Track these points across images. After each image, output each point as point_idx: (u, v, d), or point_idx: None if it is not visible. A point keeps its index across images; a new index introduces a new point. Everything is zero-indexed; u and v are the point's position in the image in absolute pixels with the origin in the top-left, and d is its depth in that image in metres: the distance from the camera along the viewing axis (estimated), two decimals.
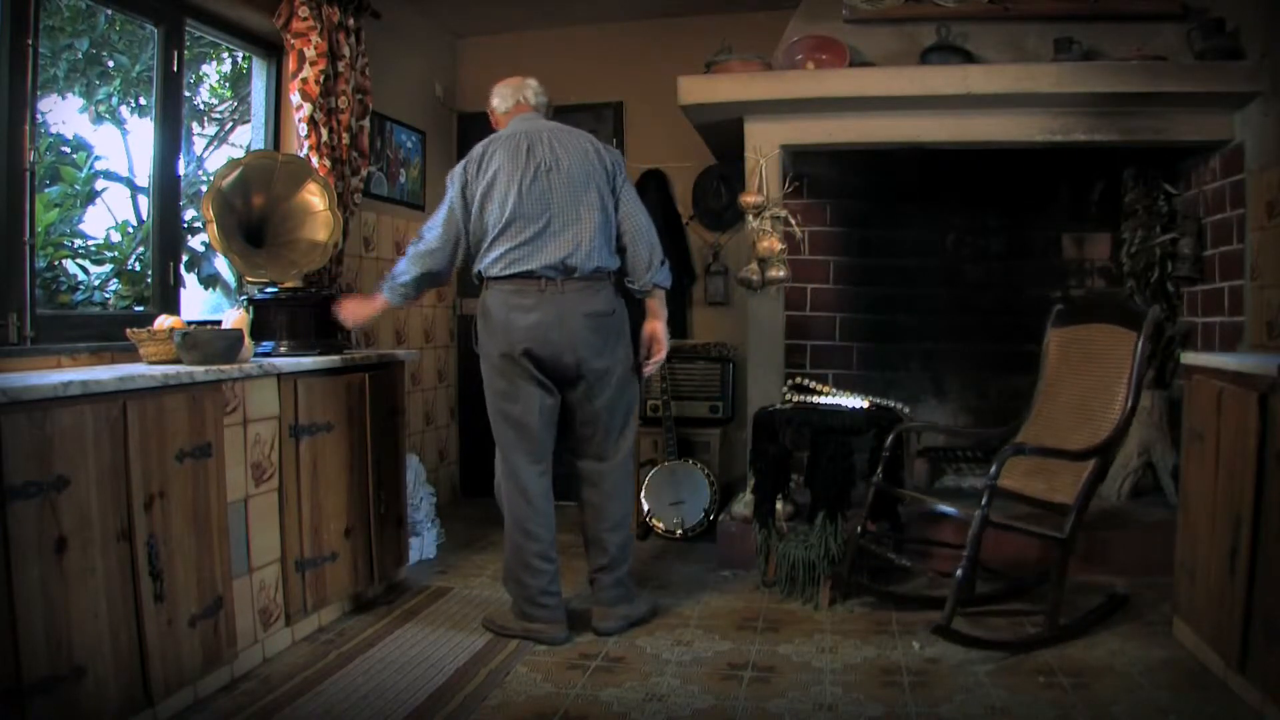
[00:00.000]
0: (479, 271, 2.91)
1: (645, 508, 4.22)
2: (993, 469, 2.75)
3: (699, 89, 3.72)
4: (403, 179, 4.54)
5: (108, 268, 3.90)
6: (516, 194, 2.80)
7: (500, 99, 3.07)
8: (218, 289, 4.49)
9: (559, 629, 2.89)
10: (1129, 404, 2.89)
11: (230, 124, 5.16)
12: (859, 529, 3.16)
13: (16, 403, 1.87)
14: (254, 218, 3.09)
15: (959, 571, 2.71)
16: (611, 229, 2.90)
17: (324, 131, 3.46)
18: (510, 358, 2.83)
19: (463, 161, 2.93)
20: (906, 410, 3.67)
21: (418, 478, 3.85)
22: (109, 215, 4.10)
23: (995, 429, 3.54)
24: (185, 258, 3.68)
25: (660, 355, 3.03)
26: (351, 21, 3.61)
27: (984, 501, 2.73)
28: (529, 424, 2.88)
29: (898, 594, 3.25)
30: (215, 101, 5.23)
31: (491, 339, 2.87)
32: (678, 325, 4.74)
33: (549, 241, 2.80)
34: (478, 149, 2.92)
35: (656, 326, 3.01)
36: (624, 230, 2.93)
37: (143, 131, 4.37)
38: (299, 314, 3.10)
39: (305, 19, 3.39)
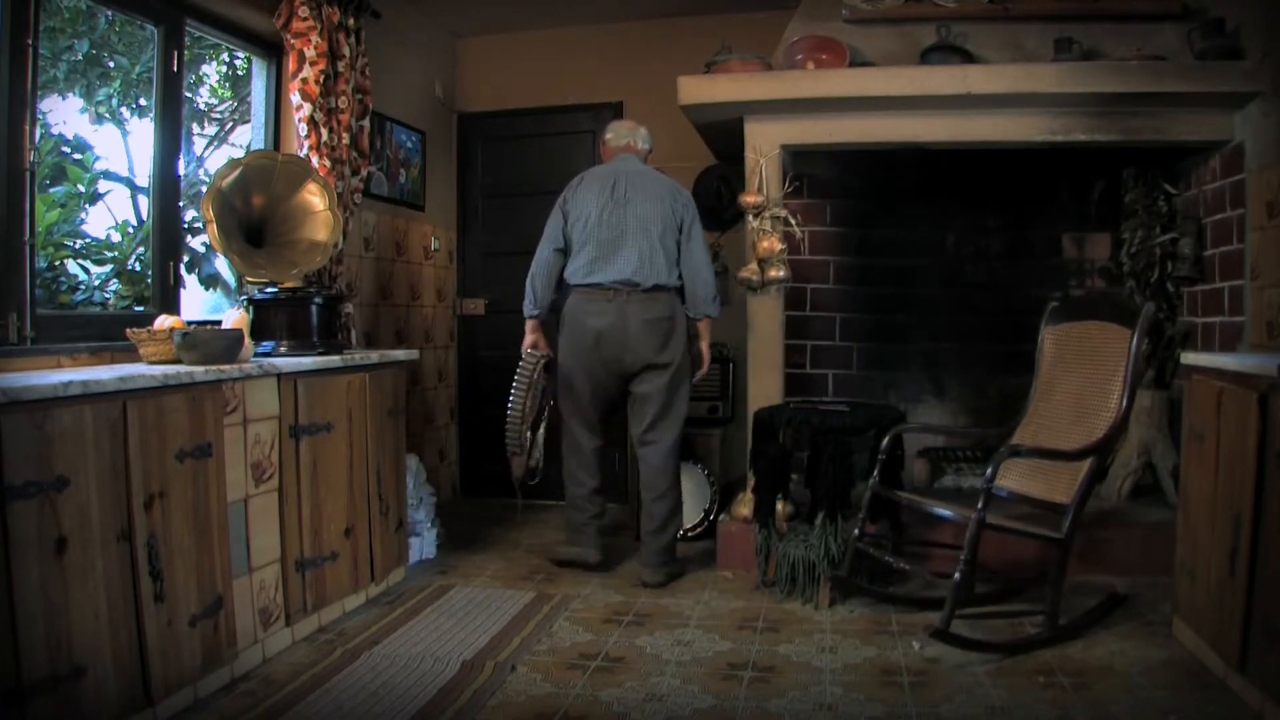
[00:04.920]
0: (564, 278, 3.53)
1: None
2: (989, 471, 2.75)
3: (699, 89, 3.72)
4: (403, 179, 4.54)
5: (108, 268, 3.90)
6: (595, 219, 3.44)
7: (614, 135, 3.68)
8: (218, 289, 4.49)
9: (595, 553, 3.62)
10: (1124, 402, 2.89)
11: (230, 124, 5.16)
12: (857, 532, 3.16)
13: (16, 403, 1.87)
14: (254, 218, 3.09)
15: (956, 575, 2.71)
16: (673, 258, 3.49)
17: (324, 131, 3.46)
18: (580, 349, 3.47)
19: (566, 188, 3.55)
20: (901, 408, 3.67)
21: (418, 478, 3.85)
22: (109, 215, 4.11)
23: (992, 429, 3.55)
24: (185, 258, 3.68)
25: (704, 369, 3.70)
26: (351, 21, 3.61)
27: (980, 505, 2.72)
28: (584, 401, 3.56)
29: (898, 596, 3.25)
30: (215, 101, 5.23)
31: (568, 333, 3.51)
32: None
33: (617, 260, 3.42)
34: (576, 179, 3.57)
35: (702, 345, 3.65)
36: (684, 269, 3.52)
37: (143, 132, 4.38)
38: (299, 314, 3.10)
39: (305, 19, 3.39)
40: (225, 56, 5.06)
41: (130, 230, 4.09)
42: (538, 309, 3.57)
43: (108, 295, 3.82)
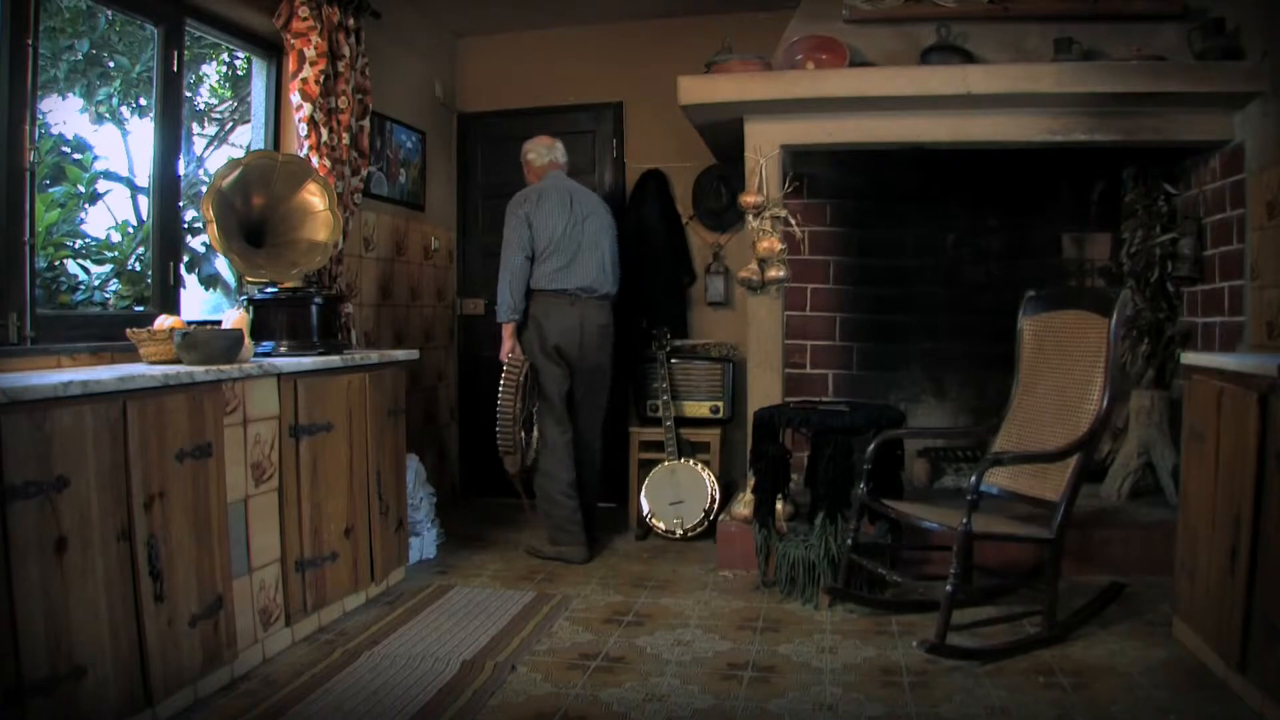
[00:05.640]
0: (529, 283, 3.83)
1: (645, 508, 4.22)
2: (973, 479, 2.74)
3: (699, 89, 3.72)
4: (403, 179, 4.54)
5: (108, 268, 3.91)
6: (561, 233, 3.79)
7: (536, 154, 4.02)
8: (218, 289, 4.50)
9: (581, 550, 3.83)
10: (1106, 395, 2.88)
11: (230, 124, 5.17)
12: (850, 542, 3.14)
13: (16, 403, 1.87)
14: (254, 218, 3.09)
15: (948, 587, 2.70)
16: (615, 268, 3.95)
17: (324, 131, 3.46)
18: (546, 347, 3.80)
19: (522, 201, 3.83)
20: (901, 408, 3.66)
21: (418, 478, 3.86)
22: (109, 215, 4.11)
23: (980, 427, 3.54)
24: (185, 258, 3.68)
25: None
26: (351, 21, 3.61)
27: (965, 519, 2.71)
28: (552, 396, 3.86)
29: (895, 602, 3.23)
30: (215, 101, 5.23)
31: (536, 333, 3.82)
32: (678, 325, 4.75)
33: (578, 270, 3.82)
34: (533, 193, 3.86)
35: None
36: None
37: (143, 131, 4.38)
38: (299, 314, 3.10)
39: (305, 19, 3.38)
40: (225, 56, 5.06)
41: (130, 230, 4.09)
42: (516, 314, 3.80)
43: (108, 295, 3.82)
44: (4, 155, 2.49)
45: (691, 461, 4.25)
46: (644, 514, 4.22)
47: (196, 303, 4.31)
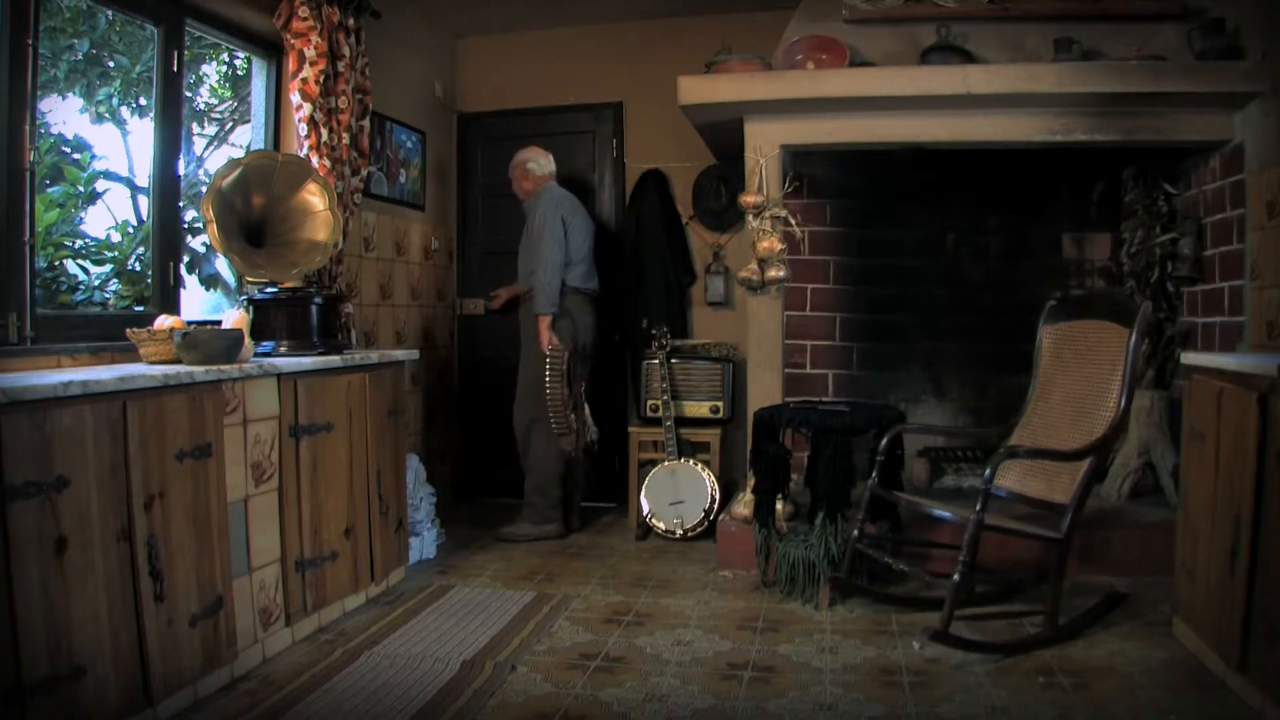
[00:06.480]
0: (563, 280, 4.20)
1: (645, 508, 4.22)
2: (987, 472, 2.75)
3: (699, 89, 3.72)
4: (403, 179, 4.54)
5: (108, 268, 3.91)
6: (586, 239, 4.28)
7: (536, 164, 4.34)
8: (218, 289, 4.50)
9: (561, 528, 4.25)
10: (1123, 401, 2.89)
11: (230, 124, 5.17)
12: (856, 533, 3.16)
13: (16, 403, 1.87)
14: (254, 218, 3.09)
15: (955, 576, 2.71)
16: None
17: (324, 131, 3.46)
18: (574, 339, 4.22)
19: (556, 205, 4.19)
20: (901, 408, 3.66)
21: (418, 478, 3.86)
22: (109, 215, 4.11)
23: (992, 428, 3.54)
24: (185, 258, 3.68)
25: None
26: (351, 21, 3.61)
27: (979, 506, 2.72)
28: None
29: (897, 596, 3.25)
30: (215, 101, 5.23)
31: (571, 326, 4.19)
32: (678, 325, 4.75)
33: (594, 273, 4.34)
34: (564, 200, 4.27)
35: None
36: None
37: (143, 131, 4.38)
38: (299, 314, 3.10)
39: (305, 19, 3.38)
40: (225, 56, 5.06)
41: (130, 230, 4.09)
42: (555, 307, 4.13)
43: (108, 295, 3.82)
44: (4, 155, 2.49)
45: (691, 461, 4.25)
46: (644, 514, 4.22)
47: (196, 303, 4.31)
